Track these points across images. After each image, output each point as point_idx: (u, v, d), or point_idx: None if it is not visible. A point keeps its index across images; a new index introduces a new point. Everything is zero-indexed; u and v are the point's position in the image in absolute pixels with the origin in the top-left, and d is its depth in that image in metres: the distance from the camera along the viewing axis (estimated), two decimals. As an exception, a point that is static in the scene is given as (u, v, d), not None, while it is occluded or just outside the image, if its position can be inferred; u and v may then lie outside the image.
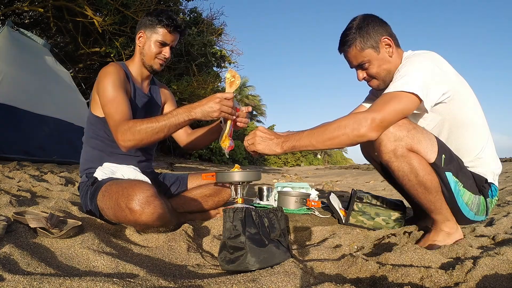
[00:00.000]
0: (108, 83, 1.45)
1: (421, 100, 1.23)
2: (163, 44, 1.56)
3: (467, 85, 1.38)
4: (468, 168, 1.39)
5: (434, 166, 1.27)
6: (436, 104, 1.31)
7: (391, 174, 1.42)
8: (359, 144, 1.81)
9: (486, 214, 1.43)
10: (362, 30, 1.36)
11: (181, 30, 1.60)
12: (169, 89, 1.90)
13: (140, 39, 1.58)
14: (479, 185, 1.38)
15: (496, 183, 1.42)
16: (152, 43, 1.56)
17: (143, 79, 1.67)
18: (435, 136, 1.32)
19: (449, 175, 1.28)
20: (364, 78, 1.46)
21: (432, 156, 1.26)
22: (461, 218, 1.37)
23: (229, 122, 1.42)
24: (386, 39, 1.37)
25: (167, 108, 1.83)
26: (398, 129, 1.22)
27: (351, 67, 1.48)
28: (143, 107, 1.64)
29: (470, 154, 1.38)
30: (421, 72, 1.25)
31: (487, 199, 1.39)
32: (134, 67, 1.63)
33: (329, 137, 1.27)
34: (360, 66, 1.43)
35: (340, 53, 1.47)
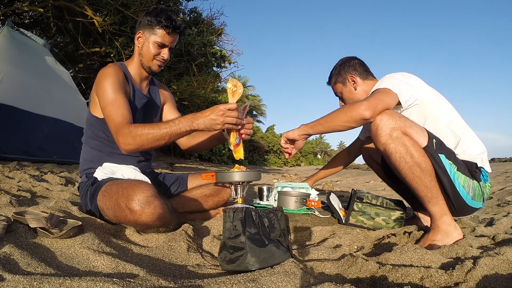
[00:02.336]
0: (107, 85, 1.44)
1: (395, 95, 1.44)
2: (161, 46, 1.54)
3: (436, 91, 1.59)
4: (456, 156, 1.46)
5: (427, 148, 1.37)
6: (410, 106, 1.50)
7: (392, 173, 1.44)
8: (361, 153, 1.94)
9: (483, 201, 1.47)
10: (336, 69, 1.81)
11: (180, 31, 1.58)
12: (168, 89, 1.89)
13: (139, 39, 1.57)
14: (470, 170, 1.44)
15: (486, 168, 1.49)
16: (150, 44, 1.54)
17: (142, 80, 1.66)
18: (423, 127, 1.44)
19: (442, 157, 1.37)
20: (342, 105, 1.84)
21: (423, 140, 1.38)
22: (460, 204, 1.41)
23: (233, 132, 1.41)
24: (351, 77, 1.76)
25: (167, 108, 1.83)
26: (391, 116, 1.37)
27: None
28: (142, 108, 1.63)
29: (451, 145, 1.48)
30: (389, 80, 1.51)
31: (480, 183, 1.45)
32: (133, 67, 1.62)
33: (331, 118, 1.47)
34: (337, 95, 1.86)
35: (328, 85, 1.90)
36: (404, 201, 1.79)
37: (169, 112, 1.82)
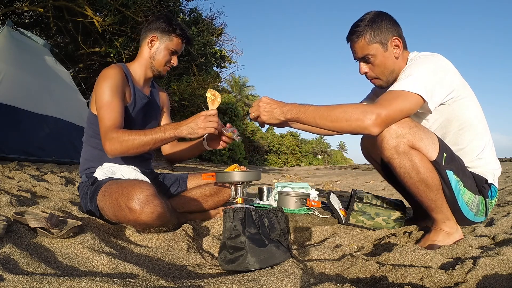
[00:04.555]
0: (106, 86, 1.45)
1: (425, 101, 1.26)
2: (174, 53, 1.62)
3: (469, 87, 1.39)
4: (468, 169, 1.39)
5: (435, 164, 1.27)
6: (439, 105, 1.32)
7: (391, 173, 1.43)
8: (359, 145, 1.85)
9: (485, 215, 1.43)
10: (375, 24, 1.36)
11: (190, 42, 1.69)
12: (167, 94, 1.91)
13: (153, 43, 1.59)
14: (479, 185, 1.38)
15: (496, 184, 1.42)
16: (165, 50, 1.59)
17: (145, 81, 1.67)
18: (437, 136, 1.33)
19: (450, 174, 1.29)
20: (365, 73, 1.46)
21: (433, 154, 1.27)
22: (460, 218, 1.37)
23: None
24: (396, 40, 1.38)
25: (162, 113, 1.84)
26: (400, 126, 1.23)
27: (355, 59, 1.47)
28: (143, 108, 1.63)
29: (471, 154, 1.39)
30: (425, 73, 1.27)
31: (487, 199, 1.39)
32: (137, 68, 1.63)
33: (331, 120, 1.26)
34: (364, 59, 1.43)
35: (348, 42, 1.46)
36: (404, 201, 1.79)
37: (163, 118, 1.84)
